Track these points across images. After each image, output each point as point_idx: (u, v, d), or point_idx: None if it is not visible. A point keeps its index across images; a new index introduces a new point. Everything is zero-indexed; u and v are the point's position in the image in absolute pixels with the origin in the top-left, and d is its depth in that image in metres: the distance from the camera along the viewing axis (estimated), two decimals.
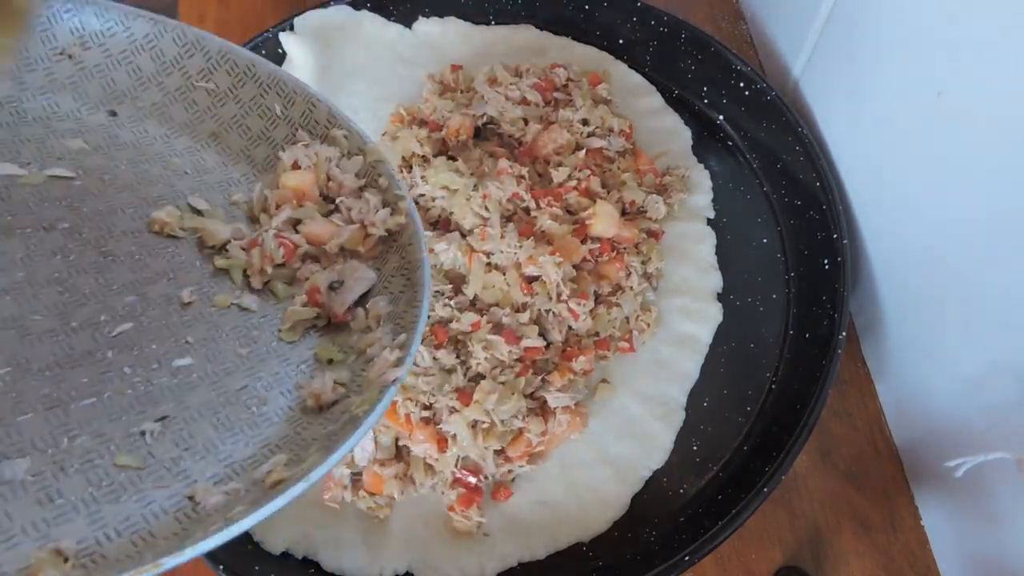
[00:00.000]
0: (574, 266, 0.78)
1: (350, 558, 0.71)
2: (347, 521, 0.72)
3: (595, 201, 0.80)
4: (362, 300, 0.55)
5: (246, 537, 0.71)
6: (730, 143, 0.91)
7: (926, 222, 0.71)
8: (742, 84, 0.89)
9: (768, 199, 0.88)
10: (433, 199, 0.81)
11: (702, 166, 0.90)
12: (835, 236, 0.78)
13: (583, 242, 0.79)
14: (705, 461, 0.75)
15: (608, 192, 0.83)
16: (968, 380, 0.68)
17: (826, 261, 0.79)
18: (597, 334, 0.78)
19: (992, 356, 0.65)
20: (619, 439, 0.76)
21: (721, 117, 0.92)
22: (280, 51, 0.93)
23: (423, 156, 0.84)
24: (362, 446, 0.71)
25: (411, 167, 0.84)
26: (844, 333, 0.73)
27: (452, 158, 0.85)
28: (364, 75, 0.96)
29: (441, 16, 0.99)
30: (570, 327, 0.77)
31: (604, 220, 0.79)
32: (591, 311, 0.78)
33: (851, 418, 0.81)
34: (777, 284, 0.83)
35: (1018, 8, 0.55)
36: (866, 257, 0.82)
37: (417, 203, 0.83)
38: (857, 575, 0.74)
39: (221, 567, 0.66)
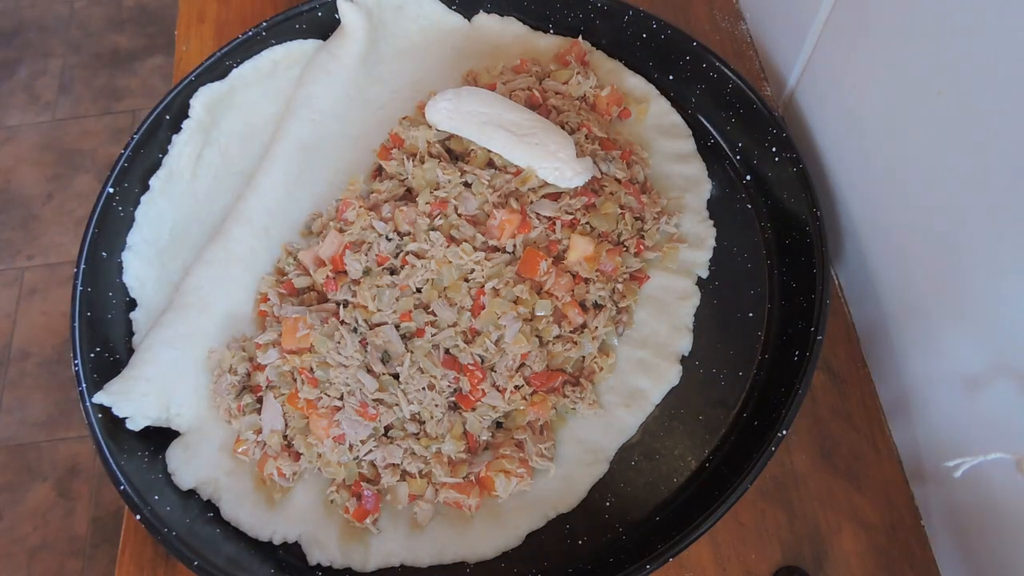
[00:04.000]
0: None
1: (248, 514, 0.73)
2: (255, 478, 0.75)
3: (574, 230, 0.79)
4: None
5: (159, 465, 0.75)
6: (749, 206, 0.87)
7: (926, 222, 0.71)
8: (774, 149, 0.84)
9: (769, 274, 0.83)
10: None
11: (711, 223, 0.86)
12: (819, 338, 0.74)
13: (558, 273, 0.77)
14: (612, 521, 0.73)
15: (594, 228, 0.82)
16: (968, 381, 0.69)
17: (796, 353, 0.75)
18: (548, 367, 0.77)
19: (992, 357, 0.65)
20: (538, 474, 0.75)
21: (748, 178, 0.88)
22: (336, 16, 0.95)
23: (429, 153, 0.85)
24: (270, 418, 0.74)
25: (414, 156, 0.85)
26: (785, 432, 0.70)
27: (456, 159, 0.85)
28: (411, 57, 0.97)
29: (502, 14, 0.99)
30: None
31: (578, 252, 0.78)
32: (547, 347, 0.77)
33: (851, 418, 0.81)
34: (747, 363, 0.79)
35: (1018, 7, 0.55)
36: (866, 257, 0.81)
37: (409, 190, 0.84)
38: (857, 575, 0.74)
39: (123, 487, 0.70)
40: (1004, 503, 0.66)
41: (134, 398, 0.74)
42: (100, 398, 0.73)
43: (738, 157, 0.89)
